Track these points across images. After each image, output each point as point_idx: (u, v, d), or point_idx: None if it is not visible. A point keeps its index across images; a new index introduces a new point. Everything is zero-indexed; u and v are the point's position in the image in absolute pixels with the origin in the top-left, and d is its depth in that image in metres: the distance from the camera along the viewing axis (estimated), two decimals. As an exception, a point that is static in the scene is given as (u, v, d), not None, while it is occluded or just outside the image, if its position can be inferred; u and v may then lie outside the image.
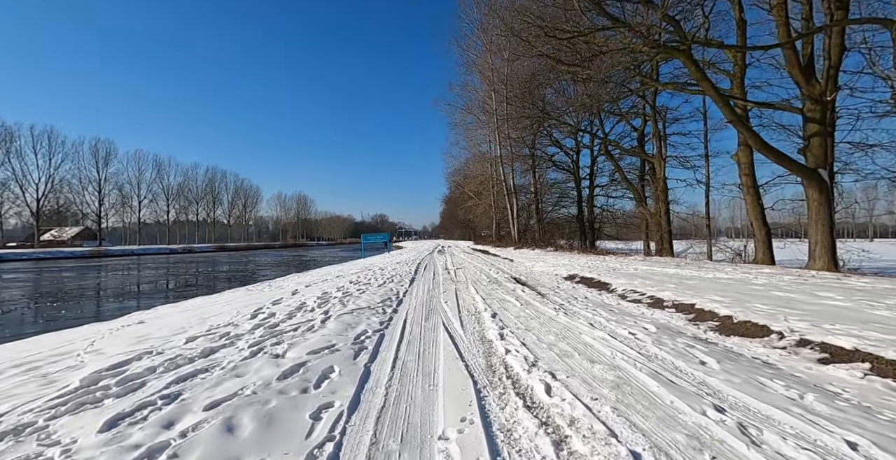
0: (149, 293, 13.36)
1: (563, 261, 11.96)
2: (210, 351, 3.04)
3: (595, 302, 5.25)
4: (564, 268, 9.46)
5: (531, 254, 16.87)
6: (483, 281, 8.25)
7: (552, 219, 28.57)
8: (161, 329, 4.14)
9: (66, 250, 52.17)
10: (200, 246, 71.97)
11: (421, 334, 3.78)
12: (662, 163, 14.54)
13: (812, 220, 8.46)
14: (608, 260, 11.30)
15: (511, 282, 7.79)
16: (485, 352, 3.12)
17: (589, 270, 8.42)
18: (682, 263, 9.18)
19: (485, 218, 40.15)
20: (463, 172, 42.73)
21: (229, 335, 3.47)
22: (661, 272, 7.47)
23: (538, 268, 10.73)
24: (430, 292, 6.83)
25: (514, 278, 8.65)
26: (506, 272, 10.09)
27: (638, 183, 17.87)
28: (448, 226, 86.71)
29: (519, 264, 12.72)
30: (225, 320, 4.32)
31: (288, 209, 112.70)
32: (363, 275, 10.30)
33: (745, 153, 10.64)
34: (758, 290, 4.83)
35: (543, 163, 25.32)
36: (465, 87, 26.05)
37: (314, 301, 5.59)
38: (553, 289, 6.68)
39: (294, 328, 3.75)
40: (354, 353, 3.02)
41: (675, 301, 4.60)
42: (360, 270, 12.33)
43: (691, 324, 3.75)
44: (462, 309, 5.10)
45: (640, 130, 16.95)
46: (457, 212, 51.56)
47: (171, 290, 13.76)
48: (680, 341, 3.12)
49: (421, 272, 10.90)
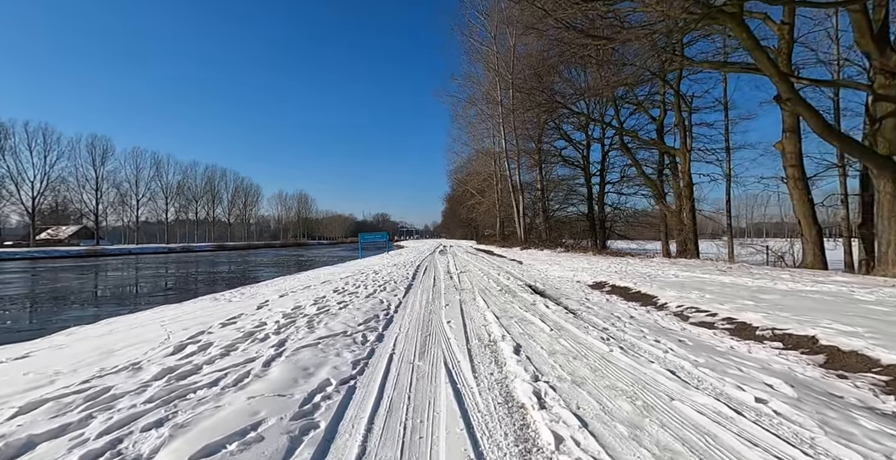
0: (110, 299, 12.06)
1: (580, 263, 10.60)
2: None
3: (649, 325, 3.91)
4: (587, 274, 8.10)
5: (541, 256, 15.52)
6: (492, 289, 6.91)
7: (558, 218, 27.18)
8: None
9: (61, 249, 51.17)
10: (199, 245, 70.97)
11: (411, 387, 2.46)
12: (687, 156, 13.15)
13: (883, 218, 7.08)
14: (633, 262, 9.94)
15: (527, 292, 6.44)
16: (518, 439, 1.79)
17: (618, 277, 7.07)
18: (725, 268, 7.81)
19: (488, 216, 38.79)
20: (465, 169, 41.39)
21: (97, 400, 2.14)
22: (712, 280, 6.11)
23: (554, 272, 9.38)
24: (429, 305, 5.51)
25: (530, 286, 7.30)
26: (517, 277, 8.75)
27: (656, 178, 16.47)
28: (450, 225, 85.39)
29: (530, 267, 11.37)
30: (132, 358, 3.00)
31: (289, 208, 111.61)
32: (353, 279, 8.98)
33: (791, 141, 9.24)
34: (884, 311, 3.48)
35: (551, 158, 23.93)
36: (469, 78, 24.73)
37: (276, 321, 4.27)
38: (582, 302, 5.34)
39: (214, 380, 2.43)
40: (287, 448, 1.69)
41: (773, 329, 3.25)
42: (353, 273, 11.02)
43: (835, 376, 2.40)
44: (471, 335, 3.76)
45: (660, 121, 15.54)
46: (459, 210, 50.23)
47: (138, 296, 12.47)
48: (866, 423, 1.78)
49: (420, 276, 9.57)
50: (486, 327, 4.06)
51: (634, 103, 16.40)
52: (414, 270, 11.06)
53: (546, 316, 4.48)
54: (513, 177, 23.94)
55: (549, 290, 6.63)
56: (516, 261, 14.51)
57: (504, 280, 8.35)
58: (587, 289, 6.63)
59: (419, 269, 11.59)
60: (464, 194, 42.54)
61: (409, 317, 4.75)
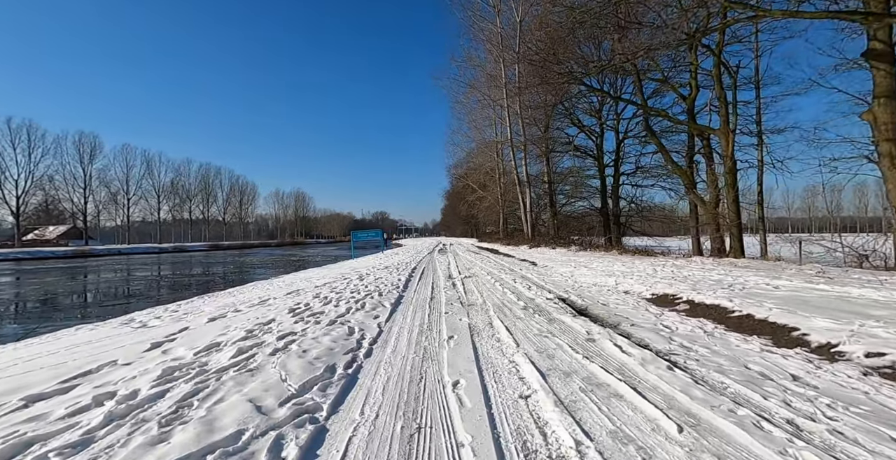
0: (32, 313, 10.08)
1: (611, 265, 8.63)
2: None
3: (842, 397, 1.96)
4: (632, 280, 6.13)
5: (555, 255, 13.55)
6: (512, 305, 4.94)
7: (566, 213, 25.17)
8: None
9: (47, 250, 49.21)
10: (193, 245, 69.11)
11: None
12: (730, 137, 11.14)
13: None
14: (679, 264, 7.97)
15: (565, 312, 4.47)
16: None
17: (685, 286, 5.09)
18: (813, 272, 5.82)
19: (490, 213, 36.79)
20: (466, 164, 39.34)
21: None
22: (847, 295, 4.14)
23: (583, 278, 7.40)
24: (422, 340, 3.53)
25: (563, 299, 5.34)
26: (539, 285, 6.78)
27: (686, 165, 14.47)
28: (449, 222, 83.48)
29: (548, 270, 9.39)
30: None
31: (286, 206, 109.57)
32: (329, 289, 7.01)
33: (887, 109, 7.25)
34: None
35: (560, 147, 21.89)
36: (470, 60, 22.61)
37: (157, 383, 2.31)
38: (664, 334, 3.38)
39: None
40: None
41: None
42: (334, 279, 9.05)
43: None
44: (505, 433, 1.80)
45: (691, 99, 13.48)
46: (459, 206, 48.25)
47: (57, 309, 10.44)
48: None
49: (414, 284, 7.59)
50: (531, 406, 2.09)
51: (660, 80, 14.37)
52: (408, 275, 9.08)
53: (631, 372, 2.50)
54: (519, 169, 21.92)
55: (595, 308, 4.65)
56: (528, 261, 12.55)
57: (523, 288, 6.38)
58: (649, 305, 4.65)
59: (414, 273, 9.61)
60: (464, 189, 40.55)
61: (386, 369, 2.77)
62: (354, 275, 9.71)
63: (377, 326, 4.05)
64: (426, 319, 4.42)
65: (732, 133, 11.09)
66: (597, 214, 22.23)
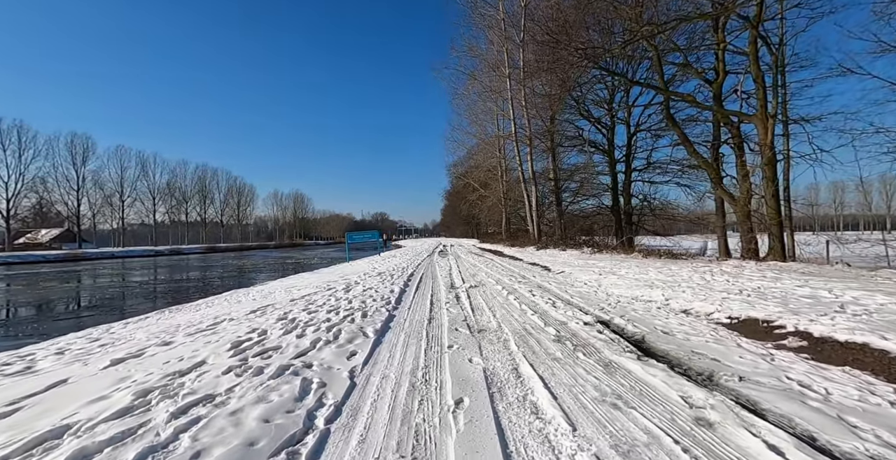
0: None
1: (646, 272, 7.27)
2: None
3: None
4: (684, 295, 4.78)
5: (568, 259, 12.20)
6: (539, 334, 3.59)
7: (572, 212, 23.80)
8: None
9: (38, 253, 47.95)
10: (189, 247, 67.91)
11: None
12: (770, 124, 9.79)
13: None
14: (733, 271, 6.61)
15: (618, 348, 3.12)
16: None
17: (786, 309, 3.74)
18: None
19: (492, 212, 35.45)
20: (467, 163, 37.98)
21: None
22: None
23: (616, 289, 6.04)
24: (415, 402, 2.19)
25: (604, 323, 3.98)
26: (564, 299, 5.43)
27: (711, 157, 13.11)
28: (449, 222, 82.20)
29: (568, 278, 8.04)
30: None
31: (284, 208, 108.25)
32: (307, 303, 5.66)
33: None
34: None
35: (567, 141, 20.53)
36: (471, 50, 21.22)
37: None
38: (800, 396, 2.05)
39: None
40: None
41: None
42: (317, 289, 7.72)
43: None
44: None
45: (718, 84, 12.14)
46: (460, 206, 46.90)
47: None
48: None
49: (409, 297, 6.23)
50: None
51: (681, 64, 13.01)
52: (403, 283, 7.72)
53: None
54: (524, 165, 20.57)
55: (658, 340, 3.31)
56: (539, 265, 11.20)
57: (545, 304, 5.02)
58: (736, 337, 3.29)
59: (411, 282, 8.26)
60: (465, 188, 39.20)
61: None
62: (341, 283, 8.36)
63: (348, 376, 2.70)
64: (421, 360, 3.07)
65: (772, 119, 9.74)
66: (607, 213, 20.89)
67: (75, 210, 62.66)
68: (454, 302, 5.69)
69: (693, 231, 21.62)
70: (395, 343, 3.61)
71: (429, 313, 4.95)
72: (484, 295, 6.20)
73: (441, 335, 3.83)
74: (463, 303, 5.51)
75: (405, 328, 4.17)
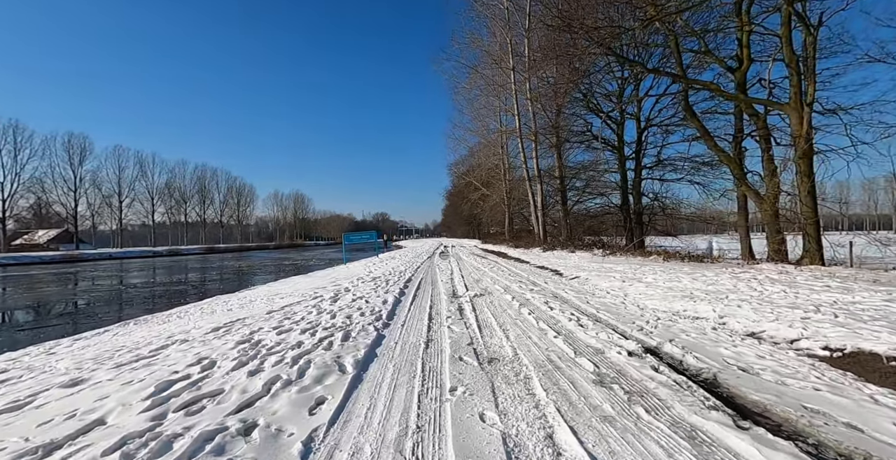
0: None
1: (678, 280, 6.33)
2: None
3: None
4: (743, 312, 3.85)
5: (580, 262, 11.27)
6: (572, 371, 2.67)
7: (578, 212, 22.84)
8: None
9: (33, 255, 47.25)
10: (188, 248, 67.18)
11: None
12: (805, 113, 8.84)
13: None
14: (782, 278, 5.67)
15: (694, 401, 2.18)
16: None
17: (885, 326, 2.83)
18: None
19: (494, 212, 34.51)
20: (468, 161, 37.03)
21: None
22: None
23: (649, 301, 5.11)
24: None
25: (652, 352, 3.05)
26: (590, 315, 4.50)
27: (733, 152, 12.16)
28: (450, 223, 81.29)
29: (585, 285, 7.10)
30: None
31: (285, 208, 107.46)
32: (282, 317, 4.75)
33: None
34: None
35: (574, 137, 19.59)
36: (473, 41, 20.26)
37: None
38: None
39: None
40: None
41: None
42: (302, 298, 6.81)
43: None
44: None
45: (742, 72, 11.21)
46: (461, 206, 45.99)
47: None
48: None
49: (404, 310, 5.30)
50: None
51: (700, 52, 12.06)
52: (399, 291, 6.79)
53: None
54: (528, 162, 19.64)
55: (742, 386, 2.38)
56: (548, 269, 10.27)
57: (569, 323, 4.10)
58: (861, 384, 2.38)
59: (408, 289, 7.33)
60: (467, 187, 38.27)
61: None
62: (331, 290, 7.44)
63: (300, 453, 1.79)
64: (413, 415, 2.14)
65: (808, 107, 8.78)
66: (615, 213, 19.95)
67: (73, 211, 62.00)
68: (457, 316, 4.77)
69: (699, 231, 20.64)
70: (380, 382, 2.69)
71: (426, 332, 4.03)
72: (492, 306, 5.28)
73: (441, 368, 2.92)
74: (467, 318, 4.59)
75: (395, 357, 3.25)
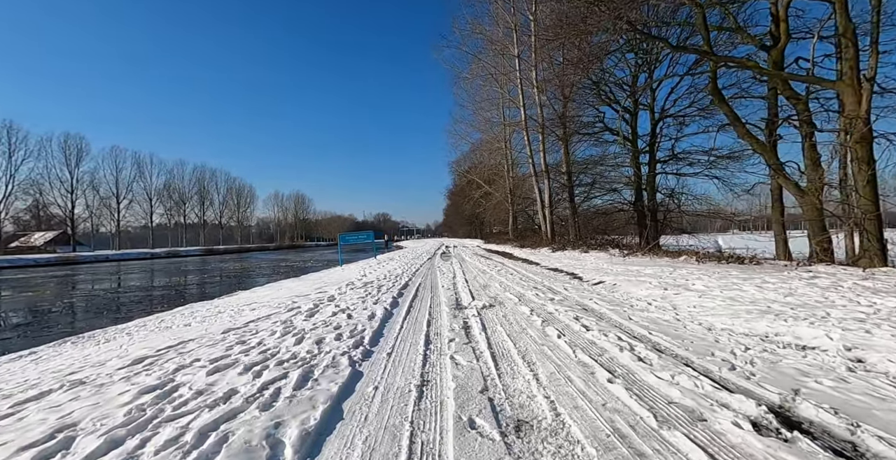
0: None
1: (739, 288, 5.16)
2: None
3: None
4: (878, 340, 2.70)
5: (598, 263, 10.09)
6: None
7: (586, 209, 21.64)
8: None
9: (29, 257, 46.43)
10: (187, 249, 66.37)
11: None
12: (864, 91, 7.61)
13: None
14: (872, 287, 4.50)
15: None
16: None
17: None
18: None
19: (497, 211, 33.31)
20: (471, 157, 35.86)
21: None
22: None
23: (709, 314, 3.93)
24: None
25: (782, 417, 1.89)
26: (648, 341, 3.33)
27: (767, 140, 10.95)
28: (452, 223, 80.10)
29: (615, 292, 5.93)
30: None
31: (285, 209, 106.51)
32: (237, 340, 3.62)
33: None
34: None
35: (584, 128, 18.40)
36: (475, 27, 19.06)
37: None
38: None
39: None
40: None
41: None
42: (279, 308, 5.66)
43: None
44: None
45: (778, 50, 9.99)
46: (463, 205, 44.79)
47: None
48: None
49: (395, 327, 4.14)
50: None
51: (730, 29, 10.83)
52: (392, 300, 5.63)
53: None
54: (535, 157, 18.46)
55: None
56: (563, 271, 9.11)
57: (622, 354, 2.94)
58: None
59: (403, 296, 6.17)
60: (469, 185, 37.09)
61: None
62: (312, 298, 6.29)
63: None
64: None
65: (869, 82, 7.57)
66: (628, 210, 18.76)
67: (70, 212, 61.19)
68: (462, 338, 3.62)
69: (702, 229, 19.43)
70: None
71: (421, 367, 2.89)
72: (506, 323, 4.12)
73: (442, 442, 1.76)
74: (476, 342, 3.44)
75: (370, 419, 2.09)
